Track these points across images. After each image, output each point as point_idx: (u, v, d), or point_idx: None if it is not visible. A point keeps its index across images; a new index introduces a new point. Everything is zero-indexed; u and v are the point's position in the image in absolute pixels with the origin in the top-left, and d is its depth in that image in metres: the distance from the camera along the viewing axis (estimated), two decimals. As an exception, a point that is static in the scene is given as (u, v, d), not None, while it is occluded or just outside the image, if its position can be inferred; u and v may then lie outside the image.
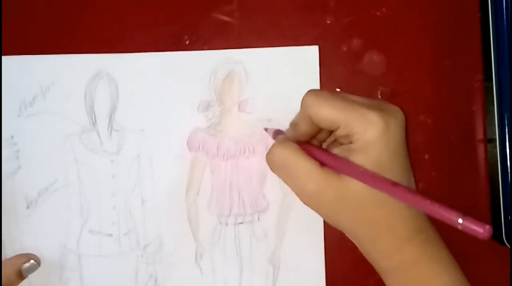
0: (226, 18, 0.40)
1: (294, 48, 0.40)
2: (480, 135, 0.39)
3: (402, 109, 0.39)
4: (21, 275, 0.38)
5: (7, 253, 0.39)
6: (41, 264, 0.39)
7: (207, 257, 0.40)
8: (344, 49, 0.40)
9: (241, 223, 0.40)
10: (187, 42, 0.40)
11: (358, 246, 0.32)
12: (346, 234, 0.32)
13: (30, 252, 0.39)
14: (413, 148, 0.39)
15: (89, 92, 0.40)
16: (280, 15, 0.40)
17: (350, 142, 0.31)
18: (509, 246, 0.37)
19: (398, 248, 0.30)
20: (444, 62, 0.40)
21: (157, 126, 0.40)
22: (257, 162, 0.40)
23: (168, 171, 0.40)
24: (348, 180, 0.30)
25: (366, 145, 0.30)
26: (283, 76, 0.40)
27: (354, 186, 0.30)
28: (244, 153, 0.40)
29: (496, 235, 0.38)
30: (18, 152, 0.40)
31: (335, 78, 0.40)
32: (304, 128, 0.33)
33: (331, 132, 0.34)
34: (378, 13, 0.40)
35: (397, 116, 0.31)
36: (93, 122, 0.40)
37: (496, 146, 0.37)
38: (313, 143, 0.35)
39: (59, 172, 0.40)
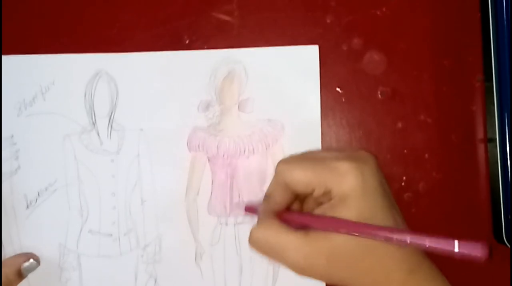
0: (226, 18, 0.40)
1: (294, 48, 0.40)
2: (480, 135, 0.39)
3: (404, 109, 0.39)
4: (20, 275, 0.38)
5: (6, 253, 0.39)
6: (41, 264, 0.39)
7: (207, 257, 0.40)
8: (345, 48, 0.40)
9: (241, 223, 0.40)
10: (187, 42, 0.40)
11: None
12: None
13: (30, 251, 0.39)
14: (413, 148, 0.39)
15: (89, 92, 0.40)
16: (280, 15, 0.40)
17: (329, 199, 0.31)
18: (509, 246, 0.37)
19: None
20: (444, 62, 0.40)
21: (157, 126, 0.40)
22: (257, 162, 0.39)
23: (168, 171, 0.40)
24: (336, 240, 0.29)
25: (344, 198, 0.30)
26: (283, 76, 0.40)
27: (343, 243, 0.29)
28: (244, 152, 0.40)
29: (496, 235, 0.38)
30: (18, 152, 0.40)
31: (336, 78, 0.40)
32: (279, 198, 0.33)
33: (304, 198, 0.34)
34: (378, 13, 0.40)
35: (367, 162, 0.31)
36: (93, 122, 0.40)
37: (496, 146, 0.37)
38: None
39: (59, 171, 0.40)
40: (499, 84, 0.37)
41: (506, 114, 0.36)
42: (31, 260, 0.38)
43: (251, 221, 0.40)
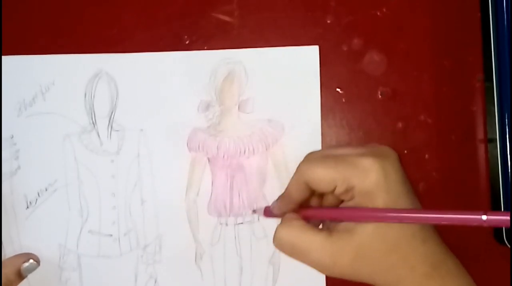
0: (226, 18, 0.40)
1: (294, 48, 0.40)
2: (480, 135, 0.39)
3: (404, 109, 0.39)
4: (20, 275, 0.38)
5: (6, 253, 0.39)
6: (41, 264, 0.39)
7: (207, 257, 0.40)
8: (345, 49, 0.40)
9: (241, 223, 0.40)
10: (187, 42, 0.40)
11: None
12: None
13: (30, 252, 0.39)
14: (413, 148, 0.39)
15: (89, 92, 0.40)
16: (280, 15, 0.40)
17: (352, 197, 0.31)
18: (509, 246, 0.37)
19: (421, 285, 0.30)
20: (444, 62, 0.40)
21: (157, 126, 0.40)
22: (257, 162, 0.39)
23: (168, 171, 0.40)
24: (361, 236, 0.30)
25: (368, 194, 0.30)
26: (283, 76, 0.40)
27: (368, 239, 0.29)
28: (244, 153, 0.40)
29: (496, 235, 0.38)
30: (18, 152, 0.40)
31: (336, 78, 0.40)
32: (298, 196, 0.33)
33: (322, 196, 0.34)
34: (378, 13, 0.40)
35: (390, 157, 0.31)
36: (93, 122, 0.40)
37: (496, 146, 0.37)
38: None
39: (59, 172, 0.40)
40: (499, 84, 0.37)
41: (506, 114, 0.36)
42: (31, 261, 0.38)
43: (251, 221, 0.40)
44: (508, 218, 0.26)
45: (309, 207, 0.34)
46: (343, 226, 0.31)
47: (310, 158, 0.33)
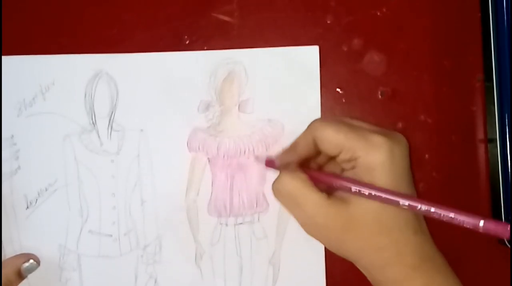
0: (226, 18, 0.40)
1: (294, 48, 0.40)
2: (480, 135, 0.39)
3: (404, 109, 0.39)
4: (20, 275, 0.38)
5: (6, 253, 0.39)
6: (41, 264, 0.39)
7: (207, 257, 0.40)
8: (345, 49, 0.40)
9: (241, 223, 0.40)
10: (187, 42, 0.40)
11: (366, 275, 0.32)
12: (354, 263, 0.32)
13: (30, 252, 0.39)
14: (413, 148, 0.39)
15: (89, 92, 0.40)
16: (280, 15, 0.40)
17: (353, 167, 0.31)
18: (509, 246, 0.37)
19: (407, 276, 0.30)
20: (444, 62, 0.40)
21: (157, 126, 0.40)
22: (257, 162, 0.39)
23: (168, 171, 0.40)
24: (356, 209, 0.30)
25: (370, 169, 0.30)
26: (283, 76, 0.40)
27: (362, 214, 0.30)
28: (244, 153, 0.40)
29: (496, 235, 0.38)
30: (18, 152, 0.40)
31: (336, 78, 0.40)
32: (303, 150, 0.33)
33: (328, 158, 0.34)
34: (378, 13, 0.40)
35: (401, 142, 0.31)
36: (93, 123, 0.40)
37: (496, 146, 0.37)
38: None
39: (59, 172, 0.40)
40: (499, 84, 0.37)
41: (506, 115, 0.36)
42: (31, 261, 0.38)
43: (251, 221, 0.40)
44: (507, 228, 0.26)
45: (309, 169, 0.34)
46: (340, 192, 0.31)
47: (324, 119, 0.33)
